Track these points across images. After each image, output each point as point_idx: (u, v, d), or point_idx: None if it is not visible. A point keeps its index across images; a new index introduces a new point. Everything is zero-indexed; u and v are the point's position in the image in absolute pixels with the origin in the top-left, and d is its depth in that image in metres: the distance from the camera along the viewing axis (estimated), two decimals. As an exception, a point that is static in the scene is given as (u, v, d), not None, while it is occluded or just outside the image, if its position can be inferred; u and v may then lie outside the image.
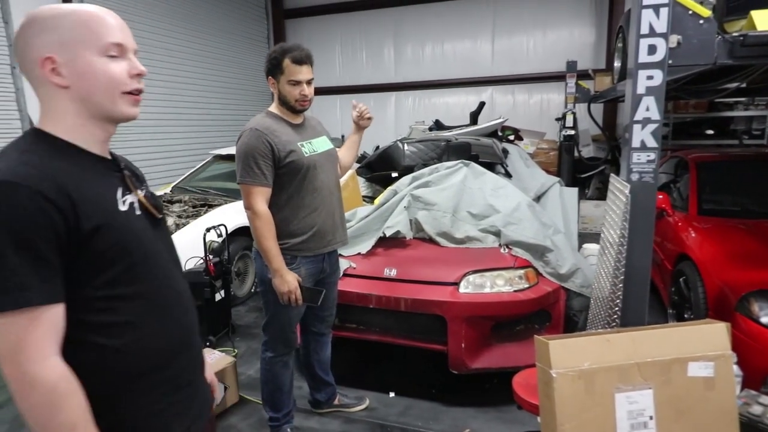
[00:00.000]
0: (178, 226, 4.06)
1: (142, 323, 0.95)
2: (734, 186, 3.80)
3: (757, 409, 2.26)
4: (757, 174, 3.81)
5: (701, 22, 2.07)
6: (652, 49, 2.07)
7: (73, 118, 0.93)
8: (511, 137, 5.72)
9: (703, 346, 1.82)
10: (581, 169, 6.62)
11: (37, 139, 0.91)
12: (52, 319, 0.84)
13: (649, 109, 2.11)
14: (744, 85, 4.01)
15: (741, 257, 2.76)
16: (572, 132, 6.14)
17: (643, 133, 2.13)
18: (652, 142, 2.13)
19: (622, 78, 5.31)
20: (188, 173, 5.50)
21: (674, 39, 2.08)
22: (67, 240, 0.84)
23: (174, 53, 6.79)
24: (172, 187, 5.20)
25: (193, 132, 7.25)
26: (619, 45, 5.61)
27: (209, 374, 1.24)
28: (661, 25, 2.04)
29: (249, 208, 2.07)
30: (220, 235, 3.53)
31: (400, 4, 8.68)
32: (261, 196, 2.05)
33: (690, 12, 2.07)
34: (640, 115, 2.12)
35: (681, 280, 3.11)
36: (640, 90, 2.11)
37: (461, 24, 8.46)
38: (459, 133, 4.65)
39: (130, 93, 0.97)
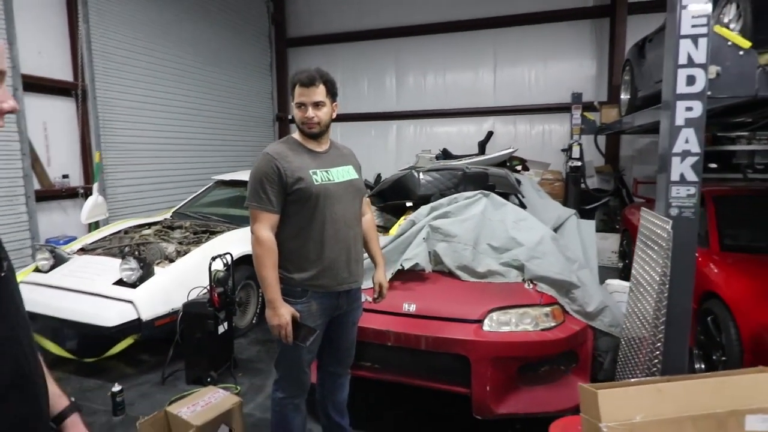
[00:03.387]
0: (179, 253, 3.90)
1: None
2: (754, 221, 3.72)
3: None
4: (776, 209, 3.74)
5: (741, 53, 2.02)
6: (690, 80, 2.00)
7: None
8: (519, 167, 5.67)
9: (761, 398, 1.68)
10: (587, 200, 6.57)
11: None
12: None
13: (689, 141, 2.03)
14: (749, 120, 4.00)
15: (775, 296, 2.65)
16: (579, 163, 6.11)
17: (683, 166, 2.05)
18: (692, 176, 2.05)
19: (630, 111, 5.33)
20: (189, 198, 5.36)
21: (713, 70, 2.02)
22: None
23: (177, 79, 6.76)
24: (173, 213, 5.05)
25: (195, 157, 7.15)
26: (626, 78, 5.66)
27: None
28: (700, 55, 1.98)
29: (253, 232, 1.98)
30: (225, 264, 3.36)
31: (401, 35, 8.77)
32: (266, 222, 1.96)
33: (729, 43, 2.02)
34: (679, 147, 2.04)
35: (708, 319, 2.98)
36: (679, 122, 2.03)
37: (463, 55, 8.55)
38: (469, 162, 4.57)
39: None
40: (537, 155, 7.71)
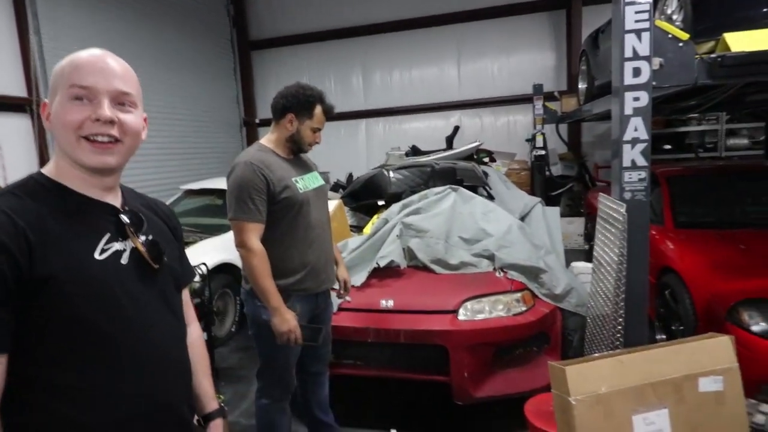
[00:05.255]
0: (152, 266, 3.86)
1: (97, 388, 0.85)
2: (704, 198, 3.95)
3: (760, 419, 2.29)
4: (724, 185, 3.99)
5: (680, 44, 2.17)
6: (636, 72, 2.13)
7: (62, 161, 0.93)
8: (486, 160, 5.83)
9: (711, 361, 1.83)
10: (552, 187, 6.79)
11: (30, 181, 0.91)
12: None
13: (638, 129, 2.16)
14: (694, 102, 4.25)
15: (724, 267, 2.84)
16: (543, 152, 6.31)
17: (633, 153, 2.18)
18: (642, 161, 2.18)
19: (588, 99, 5.54)
20: (159, 209, 5.28)
21: (656, 61, 2.15)
22: (17, 287, 0.78)
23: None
24: (143, 225, 4.97)
25: (162, 167, 7.01)
26: (583, 68, 5.88)
27: None
28: (644, 48, 2.11)
29: (242, 245, 1.95)
30: (201, 275, 3.37)
31: (366, 33, 8.81)
32: (255, 233, 1.95)
33: (669, 35, 2.16)
34: (629, 135, 2.17)
35: (666, 292, 3.17)
36: (628, 111, 2.16)
37: (427, 51, 8.66)
38: (437, 158, 4.68)
39: (91, 139, 0.89)
40: (503, 146, 7.90)
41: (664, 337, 3.23)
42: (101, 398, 0.86)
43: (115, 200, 0.97)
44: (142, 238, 0.96)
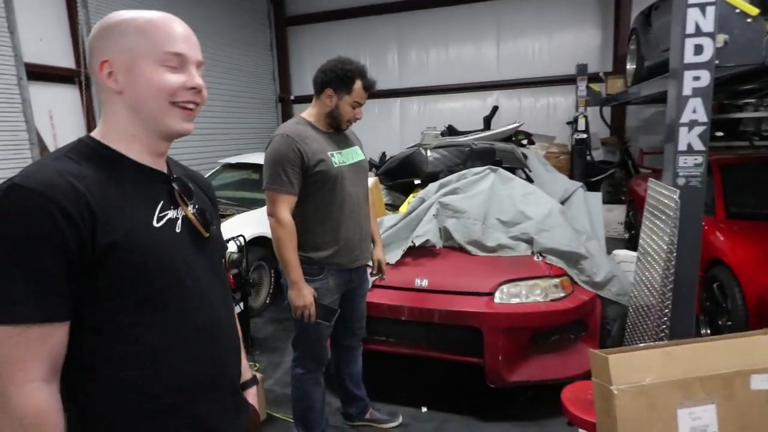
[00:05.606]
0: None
1: (161, 355, 0.87)
2: (759, 189, 3.74)
3: (812, 421, 2.18)
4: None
5: (749, 20, 2.01)
6: (698, 49, 2.00)
7: (123, 126, 0.89)
8: (524, 142, 5.66)
9: (765, 358, 1.73)
10: (593, 172, 6.56)
11: (81, 145, 0.88)
12: (43, 340, 0.76)
13: (696, 111, 2.04)
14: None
15: (780, 261, 2.69)
16: (584, 135, 6.08)
17: (690, 136, 2.06)
18: (699, 145, 2.07)
19: (636, 81, 5.27)
20: (197, 183, 5.39)
21: (721, 38, 2.01)
22: (79, 254, 0.77)
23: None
24: (182, 197, 5.09)
25: (200, 141, 7.16)
26: (632, 47, 5.59)
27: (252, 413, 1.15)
28: (708, 24, 1.98)
29: (272, 215, 2.00)
30: (239, 246, 3.43)
31: (402, 10, 8.62)
32: (286, 205, 1.98)
33: (737, 10, 2.01)
34: (686, 117, 2.05)
35: (714, 285, 3.03)
36: (687, 91, 2.04)
37: (465, 28, 8.42)
38: (474, 138, 4.58)
39: (180, 106, 0.90)
40: (542, 129, 7.65)
41: (708, 332, 3.11)
42: (164, 365, 0.87)
43: (163, 168, 0.97)
44: (191, 207, 0.96)
